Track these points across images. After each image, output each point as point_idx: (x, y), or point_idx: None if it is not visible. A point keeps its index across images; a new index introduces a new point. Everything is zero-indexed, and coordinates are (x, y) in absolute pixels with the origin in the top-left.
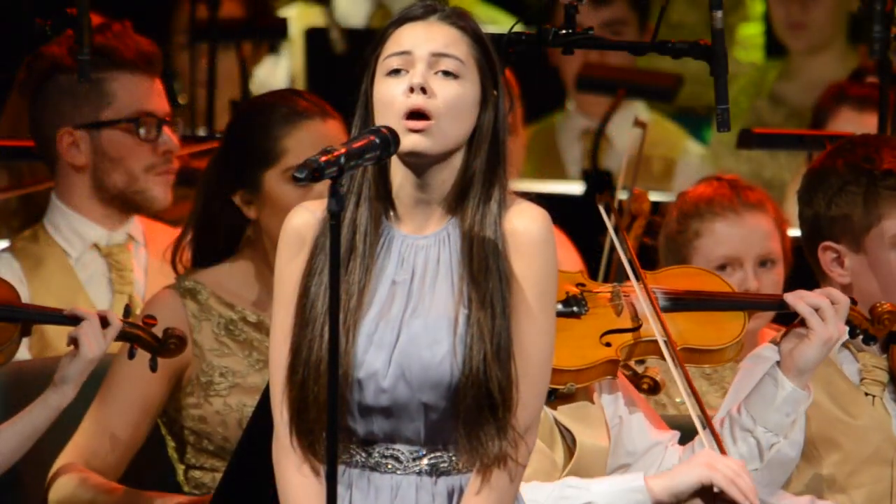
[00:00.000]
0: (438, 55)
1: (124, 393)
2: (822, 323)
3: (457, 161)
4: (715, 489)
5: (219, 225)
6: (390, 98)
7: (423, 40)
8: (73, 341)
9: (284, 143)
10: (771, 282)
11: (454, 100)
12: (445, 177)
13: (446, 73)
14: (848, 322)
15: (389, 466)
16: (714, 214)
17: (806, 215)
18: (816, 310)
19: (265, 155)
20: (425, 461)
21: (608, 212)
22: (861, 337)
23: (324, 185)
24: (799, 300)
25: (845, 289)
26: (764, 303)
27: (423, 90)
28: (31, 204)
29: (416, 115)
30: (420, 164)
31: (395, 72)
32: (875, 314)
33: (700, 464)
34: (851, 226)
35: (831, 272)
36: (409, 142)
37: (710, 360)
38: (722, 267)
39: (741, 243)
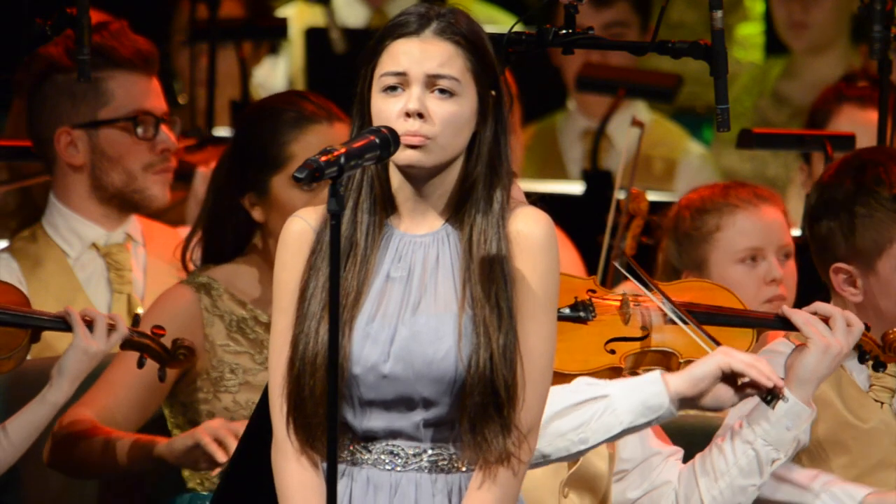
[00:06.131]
0: (434, 76)
1: (132, 370)
2: (819, 333)
3: (456, 168)
4: (739, 380)
5: (227, 225)
6: (387, 117)
7: (418, 60)
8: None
9: (291, 148)
10: (790, 273)
11: (451, 118)
12: (445, 183)
13: (442, 92)
14: (859, 347)
15: (389, 464)
16: (734, 207)
17: (816, 233)
18: (825, 319)
19: (272, 160)
20: (425, 458)
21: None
22: (871, 363)
23: None
24: (794, 313)
25: (858, 307)
26: (770, 321)
27: (420, 114)
28: (28, 204)
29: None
30: (419, 174)
31: (392, 88)
32: (887, 341)
33: (716, 353)
34: (862, 249)
35: (843, 291)
36: (405, 156)
37: None
38: (745, 259)
39: (764, 234)
